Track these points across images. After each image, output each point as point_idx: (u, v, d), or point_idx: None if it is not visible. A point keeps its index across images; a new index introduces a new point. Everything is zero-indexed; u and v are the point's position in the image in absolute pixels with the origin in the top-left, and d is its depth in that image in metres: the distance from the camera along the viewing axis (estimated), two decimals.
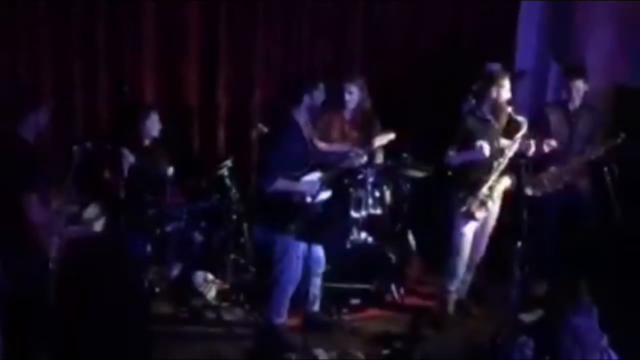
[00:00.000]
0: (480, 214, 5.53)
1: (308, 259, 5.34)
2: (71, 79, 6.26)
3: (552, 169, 6.01)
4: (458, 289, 5.85)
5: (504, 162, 5.47)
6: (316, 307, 5.60)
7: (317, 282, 5.54)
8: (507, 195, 5.66)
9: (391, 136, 5.88)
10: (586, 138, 5.99)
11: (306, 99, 5.24)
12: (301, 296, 5.46)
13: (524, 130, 5.43)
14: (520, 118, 5.44)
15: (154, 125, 5.95)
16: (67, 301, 4.66)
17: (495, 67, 6.30)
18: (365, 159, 5.77)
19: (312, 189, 5.24)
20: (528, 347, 4.15)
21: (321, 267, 5.51)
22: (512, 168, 5.54)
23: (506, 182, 5.57)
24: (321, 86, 5.36)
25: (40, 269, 4.53)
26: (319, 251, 5.45)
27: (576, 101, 5.97)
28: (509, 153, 5.45)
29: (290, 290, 5.34)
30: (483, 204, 5.51)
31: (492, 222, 5.73)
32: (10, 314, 4.35)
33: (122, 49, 6.43)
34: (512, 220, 5.54)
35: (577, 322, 3.99)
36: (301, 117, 5.28)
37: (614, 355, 3.99)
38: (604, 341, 4.05)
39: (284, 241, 5.20)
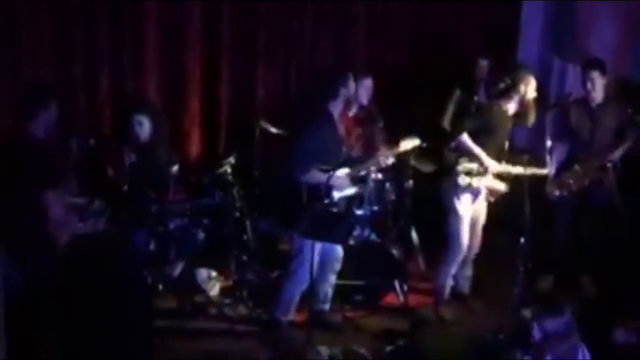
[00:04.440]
0: (463, 181, 5.47)
1: (325, 256, 5.35)
2: (73, 76, 6.27)
3: (576, 167, 5.87)
4: (462, 284, 5.87)
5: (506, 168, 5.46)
6: (327, 306, 5.61)
7: (332, 280, 5.54)
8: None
9: (417, 142, 5.68)
10: (611, 134, 5.81)
11: (342, 90, 5.29)
12: (311, 293, 5.45)
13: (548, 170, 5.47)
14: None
15: (142, 126, 5.88)
16: (71, 297, 4.67)
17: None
18: (391, 160, 5.70)
19: (340, 184, 5.29)
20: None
21: (338, 265, 5.52)
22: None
23: (498, 184, 5.54)
24: (352, 76, 5.38)
25: (50, 264, 4.57)
26: (338, 249, 5.46)
27: (596, 96, 5.81)
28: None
29: (301, 289, 5.34)
30: (469, 174, 5.48)
31: (482, 219, 5.72)
32: (17, 309, 4.37)
33: (124, 46, 6.44)
34: (516, 216, 5.53)
35: (553, 328, 3.89)
36: (336, 110, 5.33)
37: (587, 355, 3.93)
38: (576, 339, 3.96)
39: (300, 239, 5.21)
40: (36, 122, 4.67)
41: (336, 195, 5.29)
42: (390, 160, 5.64)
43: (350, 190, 5.42)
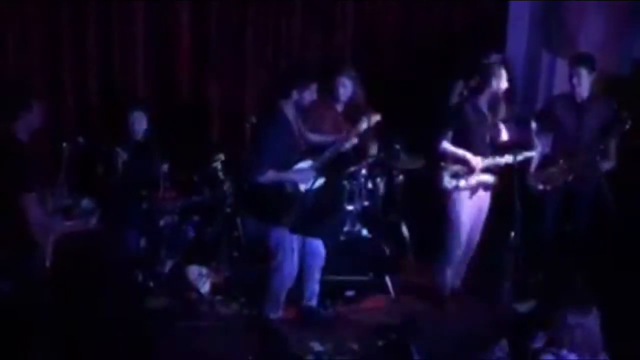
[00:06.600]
0: (450, 184, 5.52)
1: (307, 254, 5.34)
2: (62, 76, 6.27)
3: (561, 162, 5.83)
4: (453, 280, 5.87)
5: (493, 160, 5.47)
6: (314, 302, 5.59)
7: (316, 276, 5.53)
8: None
9: (377, 117, 5.67)
10: (597, 130, 5.76)
11: (294, 94, 5.23)
12: (299, 290, 5.46)
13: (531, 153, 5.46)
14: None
15: (140, 122, 5.93)
16: (61, 297, 4.66)
17: (495, 58, 6.24)
18: (354, 141, 5.67)
19: (305, 177, 5.24)
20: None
21: (321, 262, 5.50)
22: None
23: (489, 178, 5.55)
24: (313, 87, 5.33)
25: (36, 268, 4.55)
26: (319, 245, 5.44)
27: (582, 91, 5.77)
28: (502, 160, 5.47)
29: (287, 286, 5.35)
30: (455, 176, 5.50)
31: (483, 216, 5.73)
32: (6, 313, 4.36)
33: (113, 45, 6.43)
34: (506, 210, 5.55)
35: (577, 321, 3.79)
36: (289, 110, 5.27)
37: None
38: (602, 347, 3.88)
39: (278, 235, 5.19)
40: (18, 123, 4.63)
41: (304, 189, 5.23)
42: (354, 142, 5.61)
43: (319, 182, 5.33)
